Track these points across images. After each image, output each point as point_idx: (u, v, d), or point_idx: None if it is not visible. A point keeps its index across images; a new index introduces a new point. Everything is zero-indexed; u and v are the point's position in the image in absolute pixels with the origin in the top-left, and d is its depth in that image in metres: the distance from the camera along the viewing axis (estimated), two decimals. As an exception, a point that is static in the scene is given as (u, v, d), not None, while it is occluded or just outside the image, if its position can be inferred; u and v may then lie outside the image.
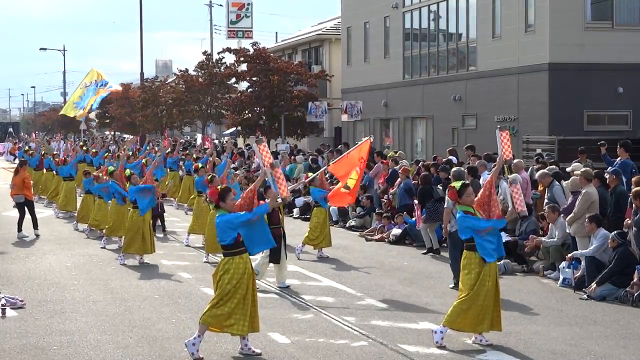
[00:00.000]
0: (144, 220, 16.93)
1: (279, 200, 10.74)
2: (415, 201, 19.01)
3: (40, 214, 26.36)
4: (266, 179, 11.25)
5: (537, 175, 17.93)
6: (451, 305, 10.68)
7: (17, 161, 63.46)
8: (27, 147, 42.01)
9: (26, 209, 21.30)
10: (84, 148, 34.31)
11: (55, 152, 36.24)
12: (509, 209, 12.56)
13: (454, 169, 17.15)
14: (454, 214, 14.70)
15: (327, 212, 18.16)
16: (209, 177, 16.12)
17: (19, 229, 21.04)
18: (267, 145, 11.62)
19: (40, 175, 32.42)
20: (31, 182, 22.87)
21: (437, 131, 34.59)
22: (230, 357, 10.07)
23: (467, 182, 11.90)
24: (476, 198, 10.79)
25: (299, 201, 25.87)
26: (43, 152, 34.09)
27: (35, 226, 21.21)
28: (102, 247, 19.11)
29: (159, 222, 21.49)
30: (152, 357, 10.10)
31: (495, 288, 10.58)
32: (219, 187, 10.37)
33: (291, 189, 16.61)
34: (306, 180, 18.21)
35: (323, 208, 17.84)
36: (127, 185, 17.67)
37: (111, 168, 20.02)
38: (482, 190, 10.99)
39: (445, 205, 15.31)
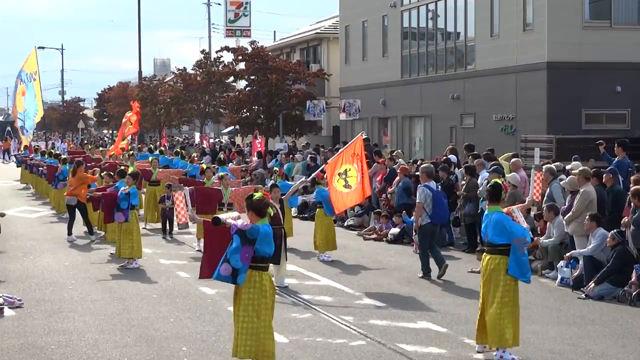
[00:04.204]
0: (117, 225, 16.76)
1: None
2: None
3: (38, 213, 26.47)
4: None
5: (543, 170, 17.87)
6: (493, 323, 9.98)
7: (11, 159, 63.20)
8: (35, 146, 41.59)
9: (77, 212, 20.32)
10: (89, 147, 34.34)
11: (58, 152, 36.18)
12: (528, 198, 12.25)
13: (423, 165, 17.29)
14: (425, 209, 15.21)
15: (330, 218, 17.75)
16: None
17: (69, 232, 20.21)
18: None
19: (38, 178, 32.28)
20: (88, 183, 20.78)
21: (435, 130, 34.60)
22: (228, 356, 10.05)
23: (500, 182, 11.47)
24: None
25: (297, 200, 25.87)
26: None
27: (90, 231, 20.23)
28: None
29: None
30: (151, 356, 10.10)
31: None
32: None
33: (294, 189, 16.73)
34: (314, 177, 17.93)
35: (326, 216, 17.55)
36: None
37: (131, 169, 19.55)
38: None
39: (417, 200, 15.61)
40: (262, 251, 8.98)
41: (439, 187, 19.48)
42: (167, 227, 20.98)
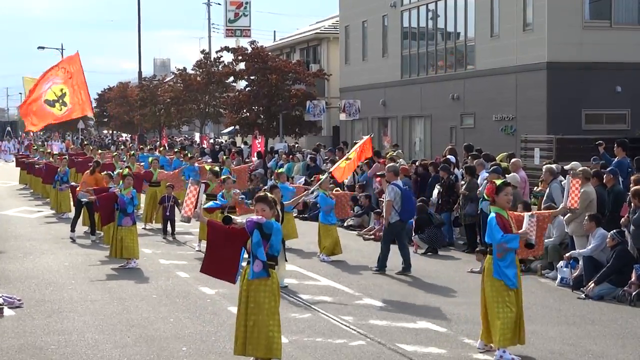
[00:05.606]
0: (114, 225, 16.78)
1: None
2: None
3: (38, 214, 26.46)
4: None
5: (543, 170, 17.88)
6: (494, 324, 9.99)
7: (6, 157, 63.37)
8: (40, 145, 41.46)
9: (86, 210, 20.30)
10: (90, 147, 34.31)
11: (56, 152, 36.20)
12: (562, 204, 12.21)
13: (390, 164, 17.36)
14: (394, 206, 15.61)
15: (334, 227, 17.80)
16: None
17: (72, 229, 20.37)
18: None
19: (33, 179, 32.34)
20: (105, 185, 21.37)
21: (435, 130, 34.60)
22: (228, 356, 10.05)
23: (509, 181, 11.36)
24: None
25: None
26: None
27: (93, 231, 20.25)
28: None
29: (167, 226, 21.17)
30: (150, 357, 10.09)
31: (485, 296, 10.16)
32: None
33: (296, 200, 16.85)
34: (317, 184, 17.98)
35: (329, 225, 17.59)
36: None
37: (126, 171, 19.54)
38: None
39: (387, 198, 15.81)
40: (274, 248, 9.05)
41: (442, 185, 19.64)
42: (169, 229, 20.86)
